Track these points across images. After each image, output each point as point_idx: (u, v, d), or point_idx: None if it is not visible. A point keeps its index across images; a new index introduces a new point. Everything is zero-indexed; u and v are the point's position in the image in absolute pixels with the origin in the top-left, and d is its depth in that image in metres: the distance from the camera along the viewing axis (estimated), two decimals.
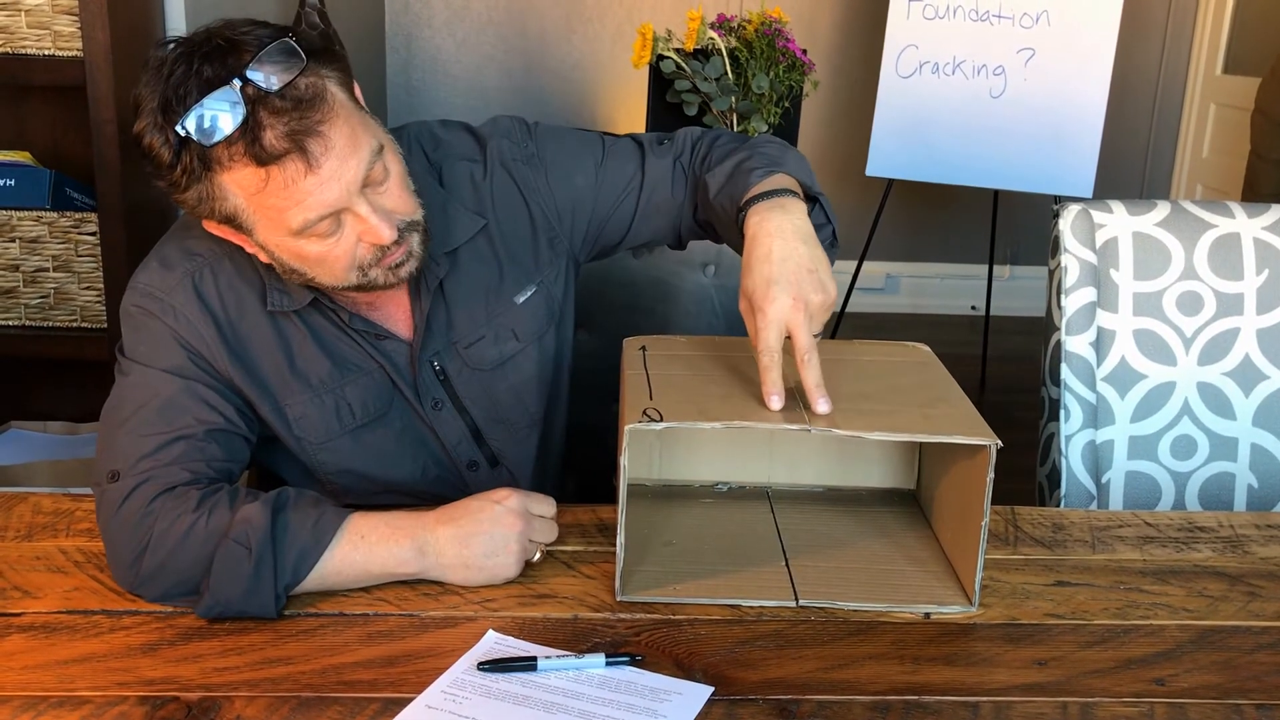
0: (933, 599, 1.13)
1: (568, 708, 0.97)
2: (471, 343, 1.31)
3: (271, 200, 1.07)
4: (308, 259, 1.13)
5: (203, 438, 1.15)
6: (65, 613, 1.06)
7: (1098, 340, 1.63)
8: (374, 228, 1.10)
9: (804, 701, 0.97)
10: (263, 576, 1.06)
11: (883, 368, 1.24)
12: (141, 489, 1.11)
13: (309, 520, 1.09)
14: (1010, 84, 3.47)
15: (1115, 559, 1.24)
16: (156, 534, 1.08)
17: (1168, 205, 1.65)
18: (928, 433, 1.08)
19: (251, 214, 1.09)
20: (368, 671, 0.99)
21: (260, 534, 1.06)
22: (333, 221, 1.10)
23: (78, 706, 0.93)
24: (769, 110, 2.79)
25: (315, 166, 1.06)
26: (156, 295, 1.18)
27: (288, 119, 1.04)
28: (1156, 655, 1.06)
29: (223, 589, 1.06)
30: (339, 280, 1.15)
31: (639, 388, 1.13)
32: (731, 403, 1.10)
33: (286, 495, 1.11)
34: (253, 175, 1.05)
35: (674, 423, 1.05)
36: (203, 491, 1.11)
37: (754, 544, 1.22)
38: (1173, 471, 1.65)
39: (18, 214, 2.20)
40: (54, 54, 2.14)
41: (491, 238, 1.32)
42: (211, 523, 1.08)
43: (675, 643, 1.05)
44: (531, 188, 1.33)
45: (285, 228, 1.09)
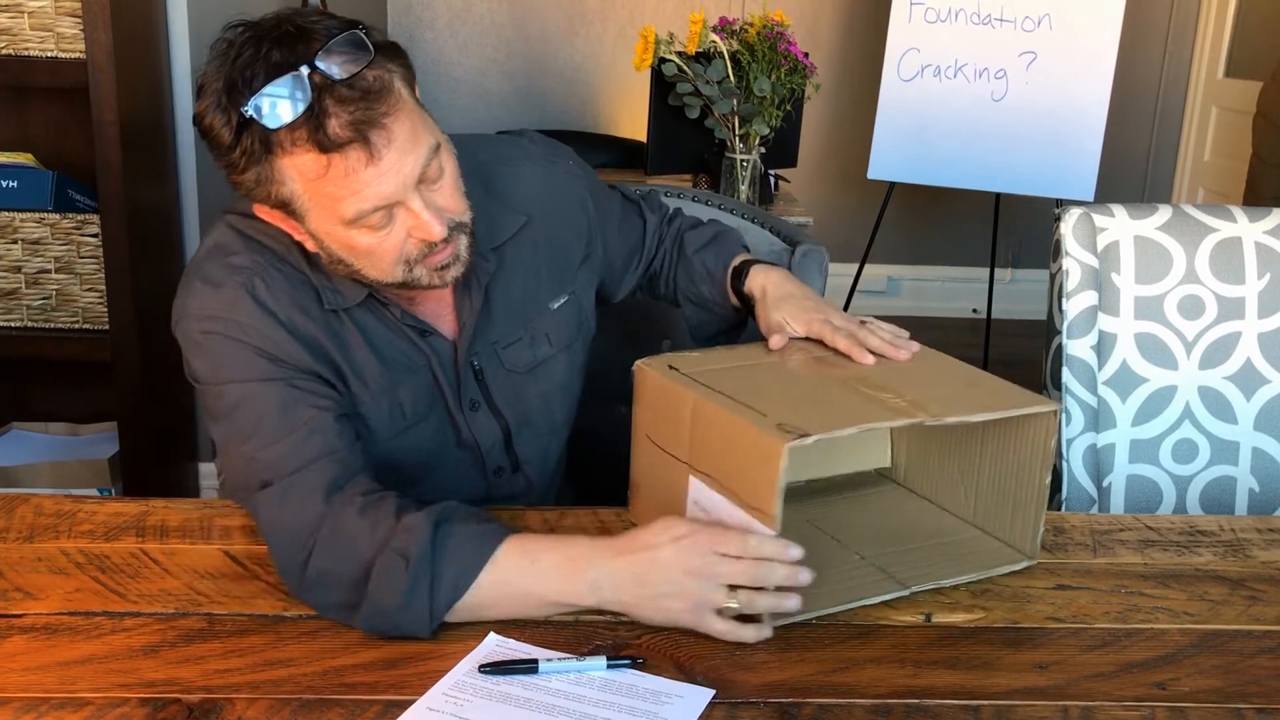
0: (1001, 560, 1.21)
1: (569, 710, 0.97)
2: (509, 343, 1.32)
3: (329, 188, 1.07)
4: (356, 250, 1.13)
5: (330, 422, 1.15)
6: (66, 614, 1.06)
7: (1099, 344, 1.63)
8: (425, 223, 1.11)
9: (805, 705, 0.97)
10: (419, 589, 1.03)
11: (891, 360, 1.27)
12: (297, 490, 1.10)
13: (473, 533, 1.07)
14: (1012, 87, 3.48)
15: (1116, 563, 1.24)
16: (322, 538, 1.07)
17: (1169, 209, 1.65)
18: (1008, 408, 1.16)
19: (306, 200, 1.09)
20: (369, 674, 0.99)
21: (420, 545, 1.04)
22: (385, 214, 1.10)
23: (79, 708, 0.93)
24: (770, 113, 2.80)
25: (376, 158, 1.06)
26: (217, 316, 1.16)
27: (353, 109, 1.04)
28: (1157, 659, 1.06)
29: (380, 598, 1.03)
30: (384, 275, 1.15)
31: (734, 406, 1.10)
32: (835, 408, 1.12)
33: (452, 507, 1.09)
34: (313, 161, 1.06)
35: (822, 434, 1.04)
36: (365, 496, 1.10)
37: (811, 545, 1.18)
38: (1174, 475, 1.65)
39: (20, 215, 2.21)
40: (57, 56, 2.14)
41: (535, 240, 1.33)
42: (377, 533, 1.06)
43: (677, 645, 1.05)
44: (586, 206, 1.39)
45: (338, 217, 1.09)
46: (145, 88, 2.31)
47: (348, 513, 1.08)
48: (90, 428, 2.53)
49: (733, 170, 2.89)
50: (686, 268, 1.48)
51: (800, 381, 1.21)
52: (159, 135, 2.41)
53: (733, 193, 2.88)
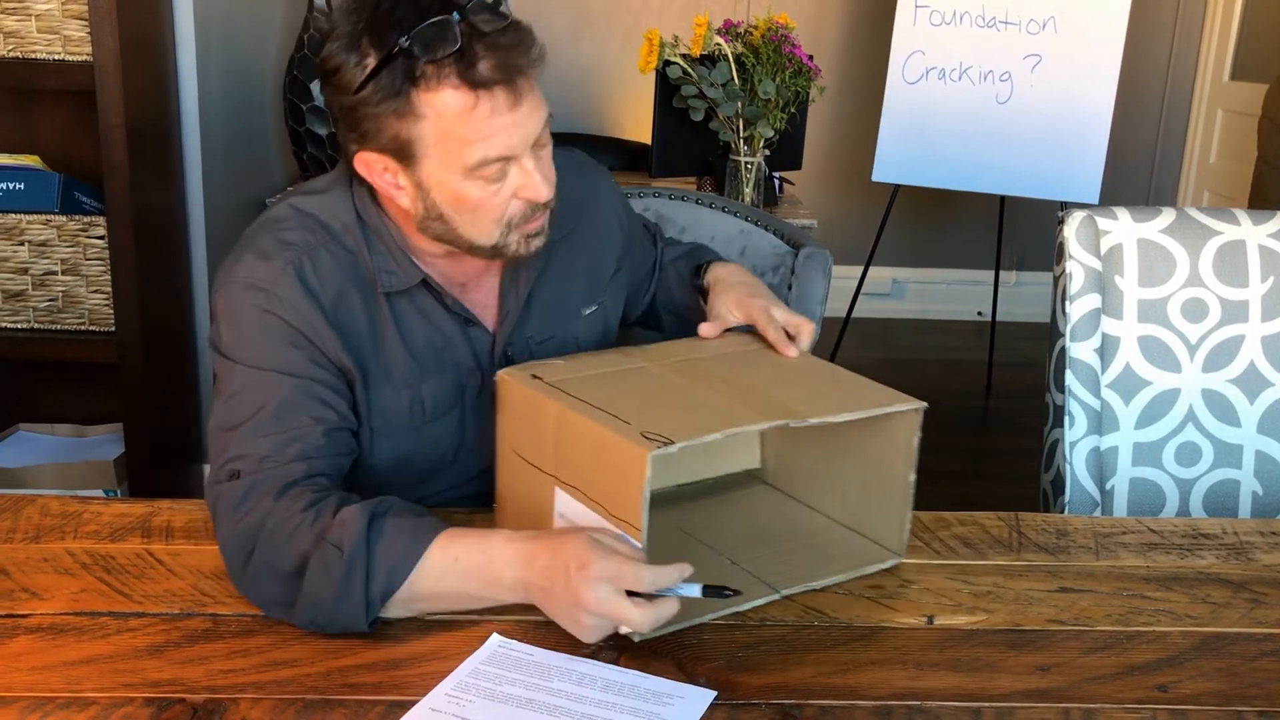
0: (870, 559, 1.21)
1: (571, 711, 0.97)
2: (543, 340, 1.35)
3: (463, 130, 1.10)
4: (464, 203, 1.15)
5: (318, 436, 1.15)
6: (72, 614, 1.07)
7: (1102, 347, 1.63)
8: (536, 183, 1.16)
9: (806, 706, 0.97)
10: (353, 581, 1.03)
11: (761, 358, 1.29)
12: (260, 488, 1.11)
13: (406, 528, 1.06)
14: (1017, 90, 3.48)
15: (1119, 565, 1.24)
16: (265, 533, 1.08)
17: (1172, 212, 1.65)
18: (872, 408, 1.17)
19: (432, 143, 1.12)
20: (372, 674, 1.00)
21: (355, 537, 1.04)
22: (501, 168, 1.14)
23: (84, 708, 0.93)
24: (775, 116, 2.80)
25: (517, 104, 1.11)
26: (260, 286, 1.17)
27: (502, 54, 1.09)
28: (1159, 662, 1.06)
29: (315, 592, 1.04)
30: (482, 234, 1.18)
31: (597, 414, 1.09)
32: (702, 413, 1.12)
33: (389, 502, 1.09)
34: (459, 98, 1.09)
35: (686, 441, 1.03)
36: (315, 494, 1.10)
37: (680, 549, 1.22)
38: (1177, 478, 1.65)
39: (26, 217, 2.21)
40: (64, 58, 2.15)
41: (577, 246, 1.38)
42: (316, 525, 1.07)
43: (679, 647, 1.06)
44: (622, 225, 1.46)
45: (460, 164, 1.12)
46: (151, 90, 2.32)
47: (292, 509, 1.09)
48: (96, 429, 2.54)
49: (737, 173, 2.89)
50: (663, 278, 1.54)
51: (665, 387, 1.19)
52: (165, 138, 2.42)
53: (737, 195, 2.89)
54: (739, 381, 1.20)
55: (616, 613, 0.99)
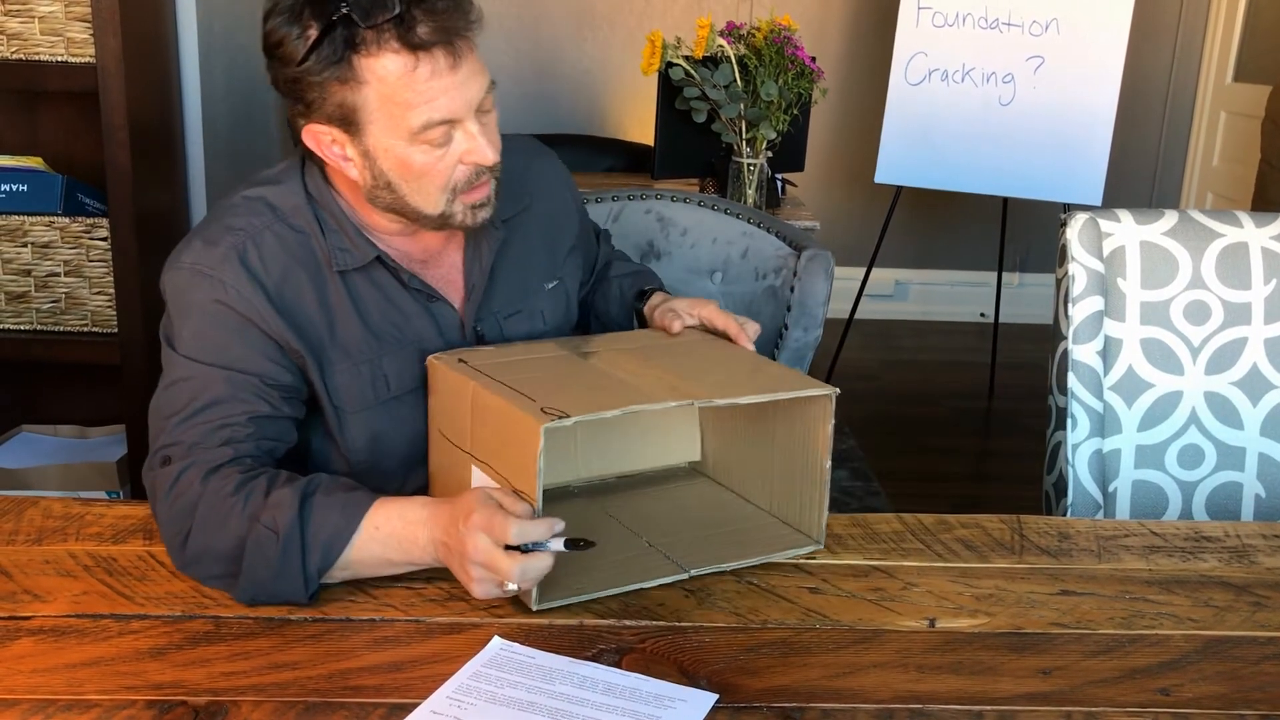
0: (790, 544, 1.23)
1: (573, 714, 0.97)
2: (510, 314, 1.37)
3: (405, 93, 1.13)
4: (410, 170, 1.17)
5: (247, 423, 1.18)
6: (74, 616, 1.07)
7: (1105, 349, 1.63)
8: (481, 147, 1.18)
9: (808, 709, 0.97)
10: (290, 559, 1.07)
11: (693, 348, 1.33)
12: (189, 472, 1.13)
13: (336, 505, 1.10)
14: (1019, 92, 3.48)
15: (1121, 568, 1.24)
16: (199, 517, 1.11)
17: (1175, 214, 1.65)
18: (783, 391, 1.19)
19: (375, 108, 1.14)
20: (373, 677, 1.00)
21: (288, 518, 1.08)
22: (446, 132, 1.16)
23: (86, 710, 0.93)
24: (777, 117, 2.80)
25: (457, 65, 1.13)
26: (204, 271, 1.19)
27: (440, 17, 1.12)
28: (1161, 665, 1.06)
29: (254, 572, 1.08)
30: (428, 202, 1.20)
31: (508, 393, 1.13)
32: (607, 393, 1.16)
33: (319, 480, 1.13)
34: (400, 61, 1.12)
35: (582, 415, 1.07)
36: (243, 475, 1.13)
37: (607, 535, 1.25)
38: (1180, 481, 1.65)
39: (30, 219, 2.22)
40: (67, 60, 2.16)
41: (535, 221, 1.41)
42: (248, 508, 1.10)
43: (680, 649, 1.06)
44: (577, 203, 1.49)
45: (406, 127, 1.14)
46: (154, 92, 2.32)
47: (223, 491, 1.11)
48: (99, 431, 2.54)
49: (739, 174, 2.89)
50: (604, 289, 1.57)
51: (583, 370, 1.23)
52: (168, 139, 2.42)
53: (739, 197, 2.88)
54: (659, 367, 1.23)
55: (488, 561, 1.04)
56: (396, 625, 1.07)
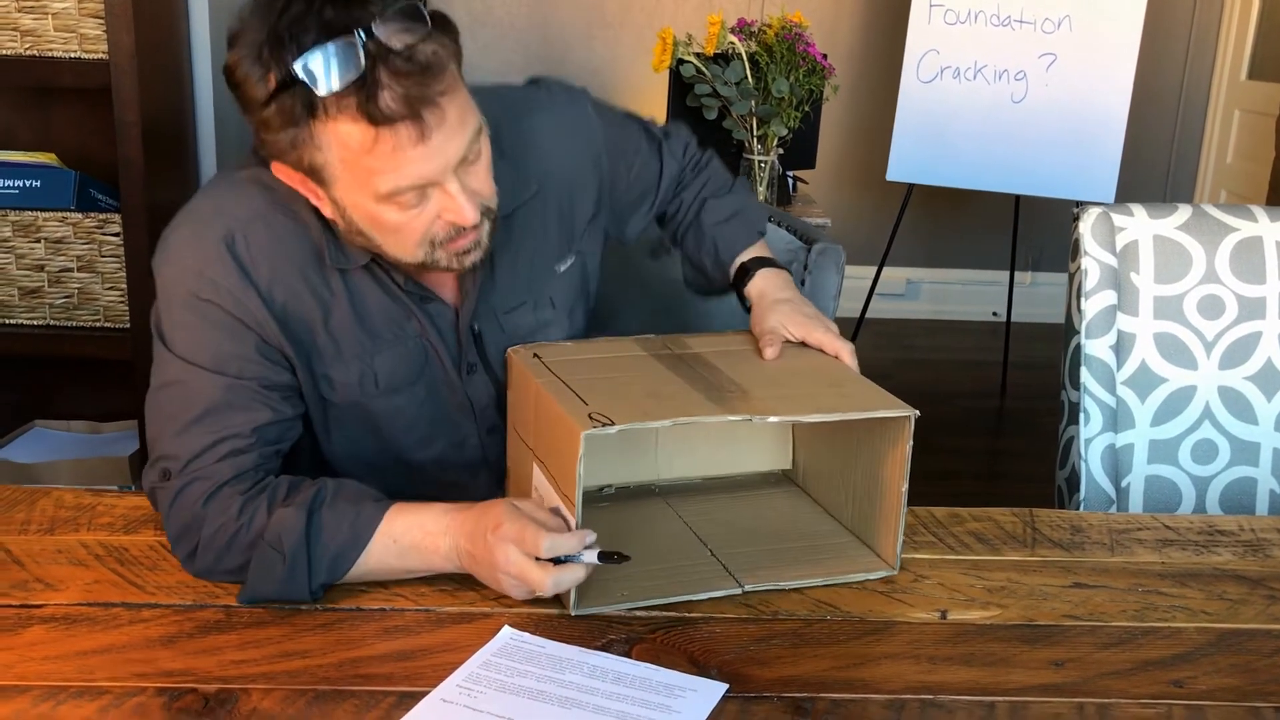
0: (860, 568, 1.18)
1: (582, 703, 0.97)
2: (512, 308, 1.30)
3: (368, 161, 1.04)
4: (382, 226, 1.10)
5: (249, 435, 1.14)
6: (86, 605, 1.07)
7: (1118, 344, 1.62)
8: (460, 207, 1.09)
9: (819, 699, 0.97)
10: (297, 578, 1.07)
11: (778, 359, 1.28)
12: (190, 490, 1.11)
13: (346, 519, 1.09)
14: (1032, 89, 3.47)
15: (1134, 561, 1.23)
16: (204, 538, 1.10)
17: (1189, 209, 1.64)
18: (853, 410, 1.15)
19: (339, 169, 1.06)
20: (383, 665, 1.00)
21: (294, 537, 1.07)
22: (419, 194, 1.08)
23: (97, 697, 0.94)
24: (788, 114, 2.80)
25: (425, 137, 1.03)
26: (192, 268, 1.13)
27: (408, 83, 1.00)
28: (1174, 657, 1.05)
29: (258, 588, 1.08)
30: (405, 254, 1.13)
31: (565, 394, 1.12)
32: (664, 400, 1.13)
33: (324, 493, 1.10)
34: (359, 133, 1.02)
35: (627, 424, 1.05)
36: (244, 496, 1.11)
37: (670, 540, 1.23)
38: (1193, 476, 1.64)
39: (43, 215, 2.23)
40: (80, 57, 2.16)
41: (545, 203, 1.30)
42: (252, 530, 1.09)
43: (690, 640, 1.05)
44: (598, 159, 1.36)
45: (371, 191, 1.06)
46: (167, 88, 2.33)
47: (226, 514, 1.10)
48: (111, 426, 2.55)
49: (751, 171, 2.89)
50: (698, 236, 1.47)
51: (650, 375, 1.20)
52: (181, 135, 2.43)
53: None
54: (731, 376, 1.20)
55: (520, 573, 1.04)
56: (407, 615, 1.07)
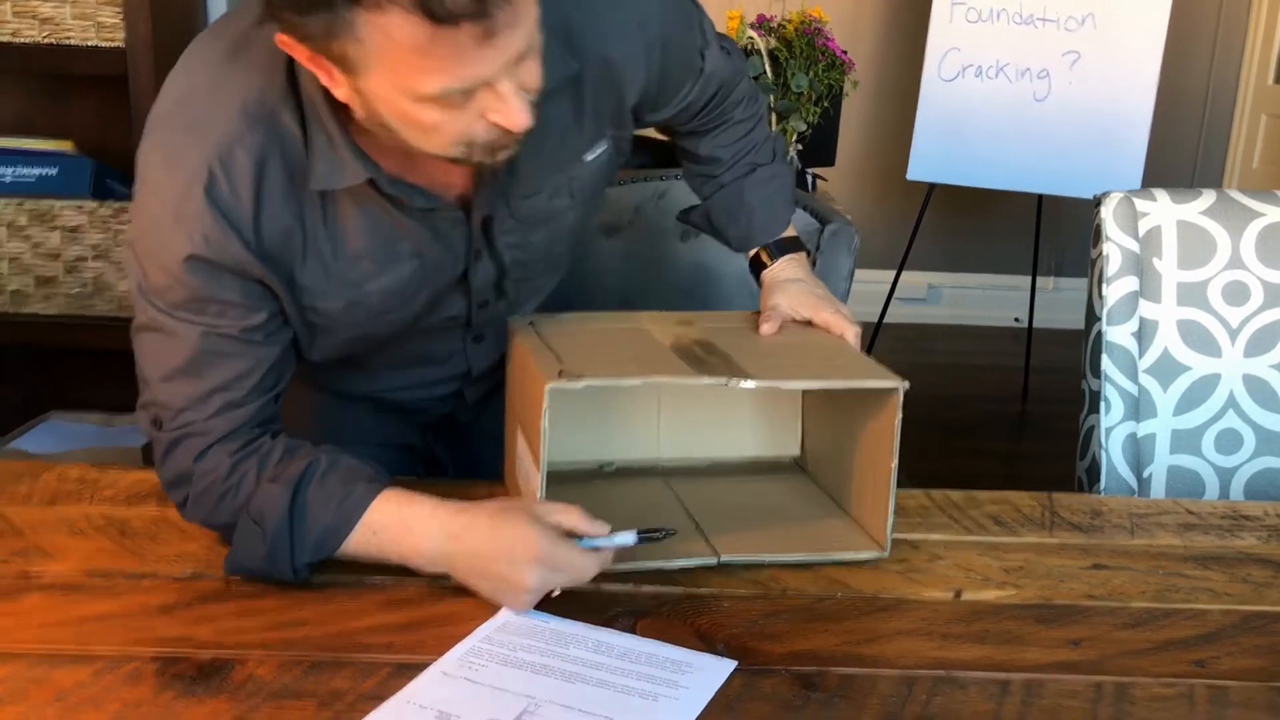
0: (847, 546, 1.14)
1: (587, 678, 0.94)
2: (527, 195, 1.15)
3: (417, 60, 0.87)
4: (415, 124, 0.94)
5: (238, 387, 1.07)
6: (84, 573, 1.06)
7: (1140, 331, 1.59)
8: (512, 111, 0.94)
9: (828, 674, 0.94)
10: (278, 555, 1.03)
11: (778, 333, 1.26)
12: (183, 445, 1.07)
13: (333, 500, 1.04)
14: (1054, 88, 3.43)
15: (1155, 544, 1.20)
16: (194, 493, 1.08)
17: (1213, 194, 1.61)
18: (839, 378, 1.14)
19: (376, 63, 0.89)
20: (383, 636, 0.98)
21: (275, 517, 1.03)
22: (466, 94, 0.92)
23: (91, 662, 0.92)
24: (808, 109, 2.78)
25: (490, 37, 0.87)
26: (169, 215, 1.01)
27: None
28: (1197, 638, 1.02)
29: (241, 559, 1.05)
30: (437, 150, 0.98)
31: (543, 355, 1.10)
32: (643, 363, 1.11)
33: (314, 469, 1.05)
34: (414, 28, 0.85)
35: (595, 380, 1.03)
36: (235, 456, 1.06)
37: (656, 513, 1.21)
38: (1217, 466, 1.60)
39: (59, 203, 2.22)
40: (97, 44, 2.16)
41: (583, 82, 1.13)
42: (239, 495, 1.06)
43: (698, 614, 1.03)
44: (650, 49, 1.18)
45: (411, 90, 0.90)
46: None
47: (214, 474, 1.06)
48: (126, 418, 2.54)
49: None
50: (734, 201, 1.38)
51: (638, 341, 1.18)
52: None
53: None
54: (722, 347, 1.17)
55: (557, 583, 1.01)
56: (409, 588, 1.05)
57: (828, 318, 1.27)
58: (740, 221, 1.39)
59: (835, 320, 1.27)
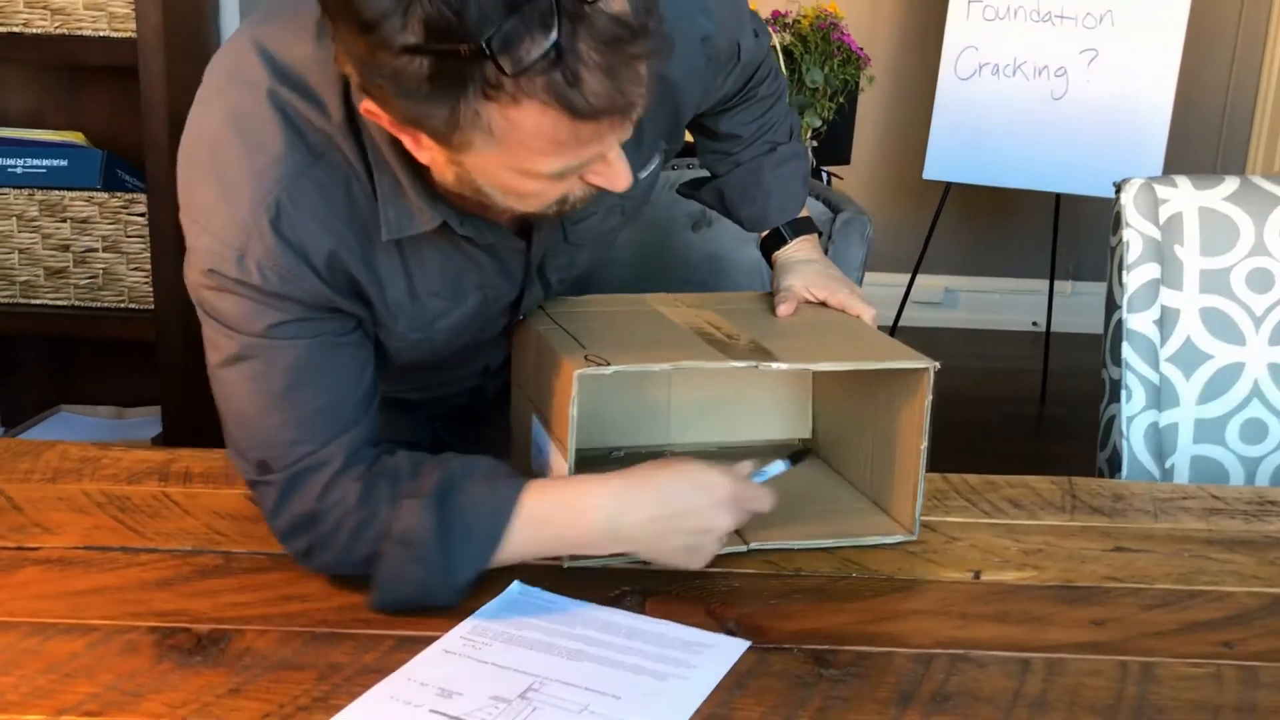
0: (873, 530, 1.12)
1: (594, 656, 0.92)
2: (580, 220, 1.10)
3: (545, 147, 0.81)
4: (515, 193, 0.89)
5: (344, 399, 0.97)
6: (83, 548, 1.04)
7: (1161, 319, 1.56)
8: (617, 175, 0.89)
9: (841, 652, 0.92)
10: (433, 576, 0.94)
11: (795, 315, 1.24)
12: (305, 482, 0.95)
13: (483, 505, 0.95)
14: (1072, 86, 3.40)
15: (1180, 528, 1.17)
16: (323, 534, 0.95)
17: (1236, 180, 1.58)
18: (868, 359, 1.10)
19: (495, 147, 0.82)
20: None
21: (427, 534, 0.93)
22: (582, 165, 0.88)
23: (86, 633, 0.90)
24: (822, 104, 2.75)
25: (625, 121, 0.82)
26: (231, 249, 0.91)
27: (610, 52, 0.77)
28: (1224, 619, 0.99)
29: (391, 590, 0.95)
30: (529, 210, 0.93)
31: (563, 340, 1.07)
32: (667, 348, 1.08)
33: (452, 477, 0.96)
34: (552, 122, 0.78)
35: (624, 366, 1.00)
36: (363, 482, 0.95)
37: None
38: (1242, 456, 1.56)
39: (69, 194, 2.21)
40: (108, 35, 2.15)
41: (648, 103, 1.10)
42: (375, 523, 0.95)
43: (708, 594, 1.00)
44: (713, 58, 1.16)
45: (527, 170, 0.84)
46: (195, 67, 2.31)
47: (345, 505, 0.95)
48: (136, 411, 2.53)
49: None
50: (752, 180, 1.33)
51: (659, 325, 1.16)
52: None
53: None
54: (742, 329, 1.15)
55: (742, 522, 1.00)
56: None
57: (844, 299, 1.24)
58: (756, 201, 1.36)
59: (851, 301, 1.24)
